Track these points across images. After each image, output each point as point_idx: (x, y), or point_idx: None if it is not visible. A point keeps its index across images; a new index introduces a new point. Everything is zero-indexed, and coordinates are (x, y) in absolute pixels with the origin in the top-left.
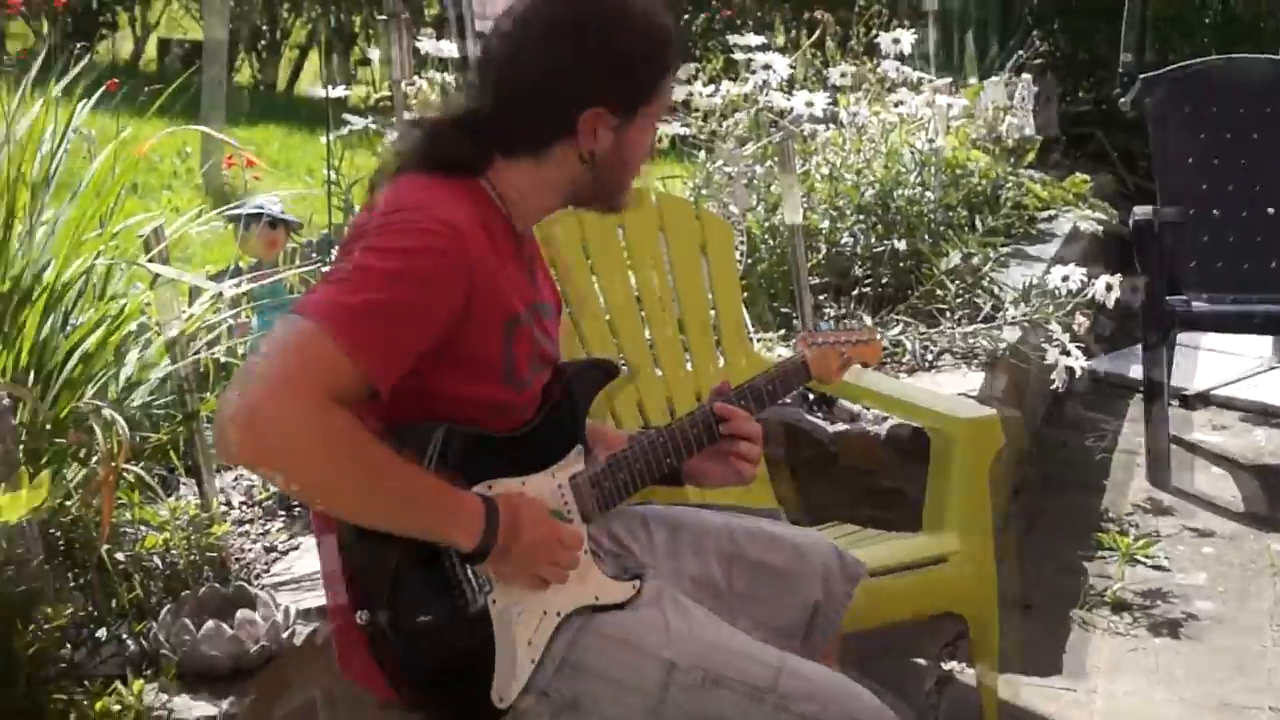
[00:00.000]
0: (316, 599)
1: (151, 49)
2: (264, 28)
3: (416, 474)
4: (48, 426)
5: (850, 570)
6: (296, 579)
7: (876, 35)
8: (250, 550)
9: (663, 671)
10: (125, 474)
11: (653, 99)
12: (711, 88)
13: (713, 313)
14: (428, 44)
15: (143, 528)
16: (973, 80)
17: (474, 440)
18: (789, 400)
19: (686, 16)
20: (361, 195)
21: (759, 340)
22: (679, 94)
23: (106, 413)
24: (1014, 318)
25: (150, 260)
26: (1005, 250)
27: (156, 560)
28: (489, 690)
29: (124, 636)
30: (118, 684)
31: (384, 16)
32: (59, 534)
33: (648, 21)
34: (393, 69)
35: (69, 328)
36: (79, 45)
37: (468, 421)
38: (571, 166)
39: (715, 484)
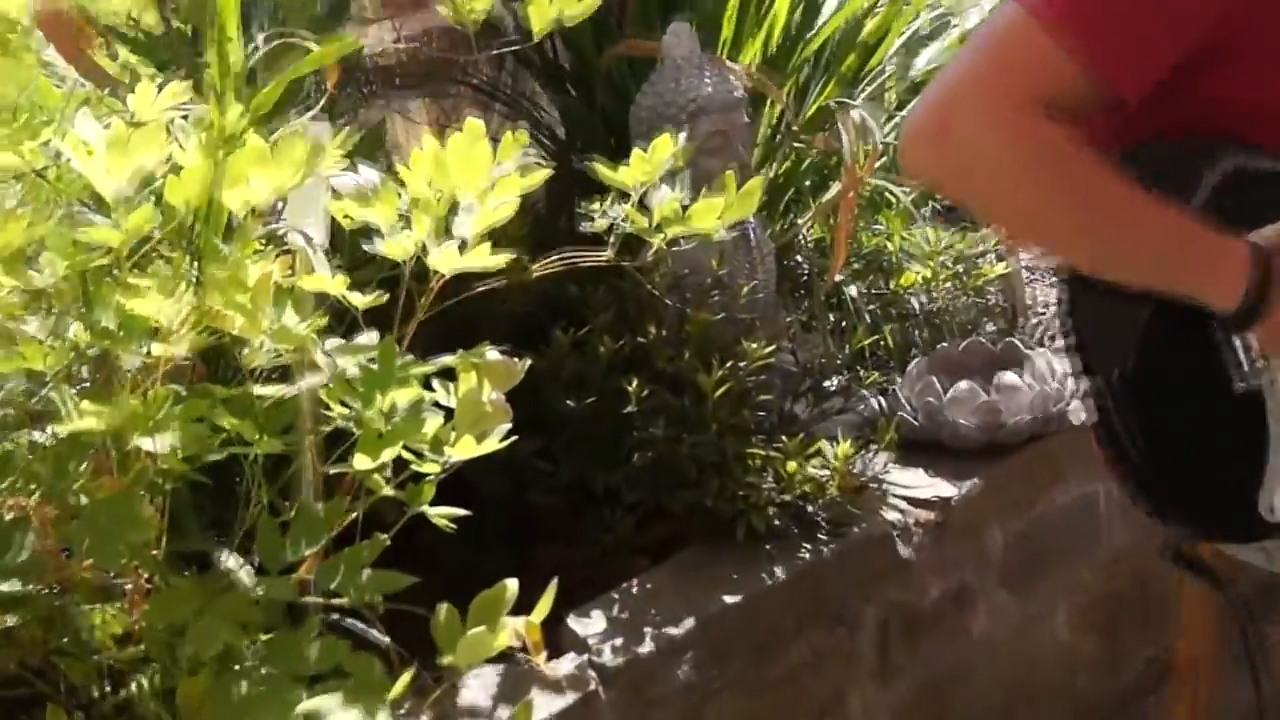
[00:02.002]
0: None
1: None
2: None
3: (1152, 207)
4: (794, 128)
5: None
6: None
7: None
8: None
9: None
10: (884, 193)
11: None
12: None
13: None
14: None
15: (904, 259)
16: None
17: (1259, 168)
18: None
19: None
20: None
21: None
22: None
23: (857, 114)
24: None
25: None
26: None
27: (913, 301)
28: (1254, 498)
29: (855, 388)
30: (823, 444)
31: None
32: (801, 260)
33: None
34: None
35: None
36: None
37: (1253, 140)
38: None
39: None
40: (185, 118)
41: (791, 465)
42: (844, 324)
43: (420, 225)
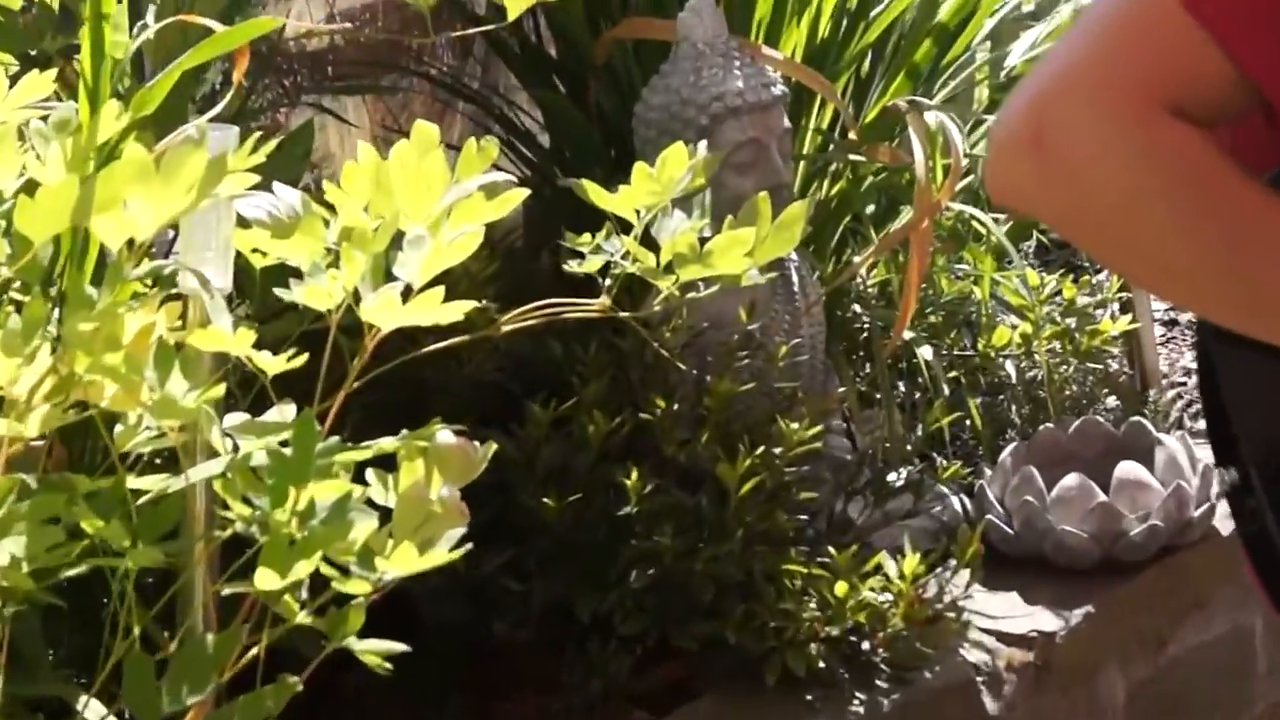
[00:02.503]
0: None
1: None
2: None
3: None
4: (851, 136)
5: None
6: None
7: None
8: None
9: None
10: (970, 223)
11: None
12: None
13: None
14: None
15: (996, 310)
16: None
17: None
18: None
19: None
20: None
21: None
22: None
23: (933, 118)
24: None
25: None
26: None
27: (1008, 367)
28: None
29: (928, 483)
30: (884, 559)
31: None
32: (860, 312)
33: None
34: None
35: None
36: None
37: None
38: None
39: None
40: (46, 120)
41: (842, 587)
42: (916, 397)
43: (352, 264)
